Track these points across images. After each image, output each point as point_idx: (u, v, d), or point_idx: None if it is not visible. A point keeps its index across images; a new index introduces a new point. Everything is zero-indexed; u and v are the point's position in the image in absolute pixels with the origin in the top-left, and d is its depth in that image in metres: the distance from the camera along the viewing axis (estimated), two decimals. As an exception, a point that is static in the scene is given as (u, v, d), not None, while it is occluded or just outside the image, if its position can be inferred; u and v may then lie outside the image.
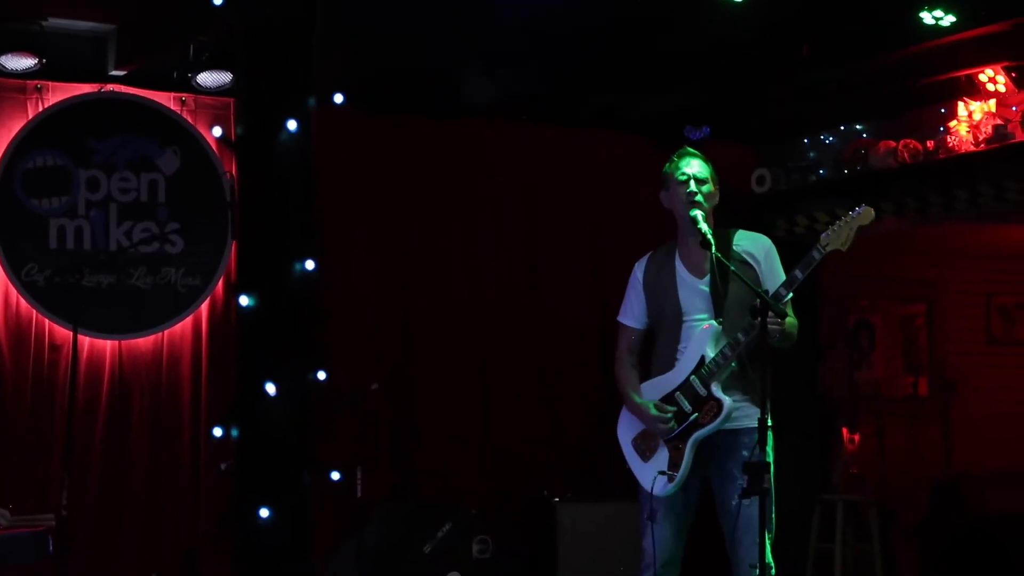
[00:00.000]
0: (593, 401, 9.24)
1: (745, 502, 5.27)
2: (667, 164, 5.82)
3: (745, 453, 5.51)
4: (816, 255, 5.44)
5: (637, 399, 5.77)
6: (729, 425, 5.58)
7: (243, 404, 7.70)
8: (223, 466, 8.02)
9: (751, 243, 5.75)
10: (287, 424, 7.58)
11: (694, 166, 5.74)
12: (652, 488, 5.64)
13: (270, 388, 7.43)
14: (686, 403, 5.62)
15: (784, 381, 5.80)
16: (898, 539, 10.30)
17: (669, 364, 5.73)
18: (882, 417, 10.58)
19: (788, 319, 5.50)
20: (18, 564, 6.99)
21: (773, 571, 5.18)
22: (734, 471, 5.56)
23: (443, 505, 8.54)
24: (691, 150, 5.82)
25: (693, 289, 5.71)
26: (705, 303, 5.66)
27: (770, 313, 5.18)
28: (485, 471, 9.34)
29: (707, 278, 5.66)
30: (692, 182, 5.70)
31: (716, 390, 5.57)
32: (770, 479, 5.04)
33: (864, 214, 5.48)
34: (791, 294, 5.59)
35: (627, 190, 9.69)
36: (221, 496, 8.24)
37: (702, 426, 5.58)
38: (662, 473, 5.64)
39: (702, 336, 5.62)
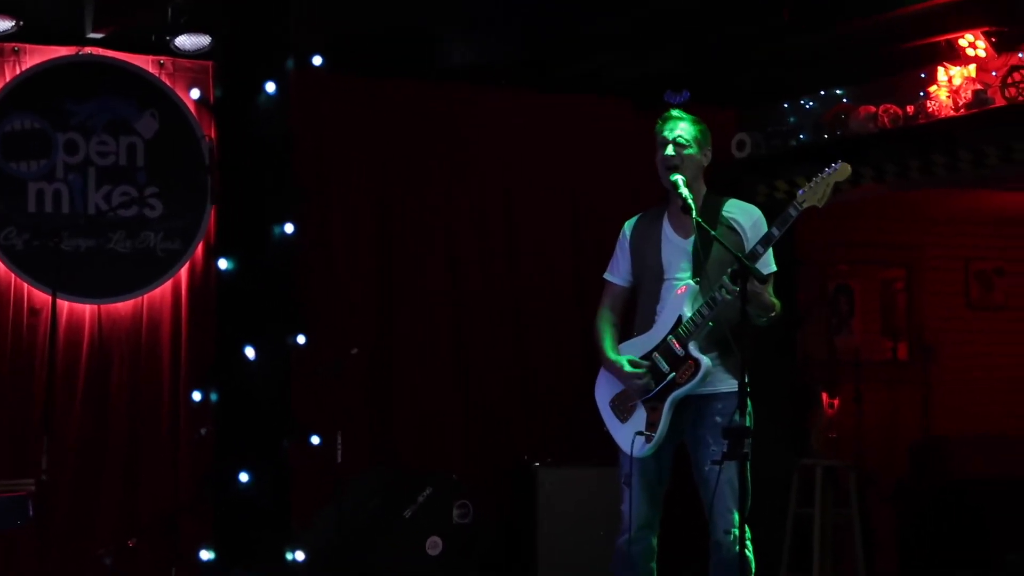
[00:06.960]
0: (573, 366, 9.25)
1: (718, 468, 5.30)
2: (656, 126, 5.82)
3: (718, 419, 5.54)
4: (793, 212, 5.43)
5: (613, 356, 5.77)
6: (703, 389, 5.59)
7: (222, 368, 7.69)
8: (203, 431, 8.01)
9: (740, 212, 5.75)
10: (266, 388, 7.57)
11: (677, 129, 5.73)
12: (631, 450, 5.65)
13: (249, 352, 7.42)
14: (663, 363, 5.62)
15: (762, 346, 5.79)
16: (876, 503, 10.34)
17: (648, 324, 5.74)
18: (861, 382, 10.59)
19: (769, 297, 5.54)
20: (-2, 528, 7.00)
21: (749, 536, 5.19)
22: (707, 437, 5.59)
23: (423, 470, 8.55)
24: (677, 112, 5.80)
25: (677, 248, 5.71)
26: (687, 262, 5.67)
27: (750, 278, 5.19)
28: (465, 436, 9.34)
29: (692, 238, 5.67)
30: (671, 146, 5.70)
31: (693, 349, 5.58)
32: (749, 444, 5.06)
33: (841, 170, 5.47)
34: (775, 267, 5.62)
35: (608, 155, 9.68)
36: (200, 461, 8.22)
37: (679, 385, 5.59)
38: (640, 433, 5.64)
39: (680, 296, 5.63)
